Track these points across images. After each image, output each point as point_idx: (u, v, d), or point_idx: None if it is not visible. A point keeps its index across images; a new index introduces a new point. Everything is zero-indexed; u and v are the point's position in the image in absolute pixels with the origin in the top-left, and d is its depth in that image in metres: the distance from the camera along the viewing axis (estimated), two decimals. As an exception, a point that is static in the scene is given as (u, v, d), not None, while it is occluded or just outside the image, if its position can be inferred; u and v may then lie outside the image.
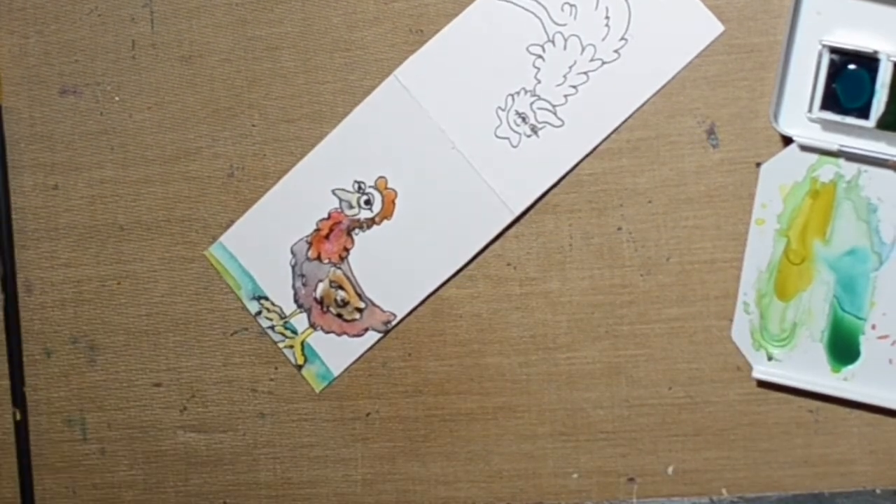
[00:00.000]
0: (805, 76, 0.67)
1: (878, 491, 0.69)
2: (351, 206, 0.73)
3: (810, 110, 0.67)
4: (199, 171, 0.74)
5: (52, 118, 0.75)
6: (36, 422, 0.77)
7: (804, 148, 0.68)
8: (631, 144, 0.71)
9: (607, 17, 0.70)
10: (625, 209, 0.71)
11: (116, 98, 0.75)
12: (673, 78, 0.70)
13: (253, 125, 0.74)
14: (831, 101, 0.67)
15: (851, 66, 0.67)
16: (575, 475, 0.72)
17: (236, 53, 0.74)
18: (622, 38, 0.70)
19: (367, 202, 0.72)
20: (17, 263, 0.76)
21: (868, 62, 0.66)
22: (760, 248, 0.69)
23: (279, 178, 0.74)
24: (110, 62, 0.75)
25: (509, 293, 0.71)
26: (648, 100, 0.70)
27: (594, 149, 0.71)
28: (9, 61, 0.76)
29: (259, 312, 0.74)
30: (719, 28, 0.69)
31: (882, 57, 0.66)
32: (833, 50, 0.67)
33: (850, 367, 0.68)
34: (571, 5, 0.71)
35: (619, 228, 0.71)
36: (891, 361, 0.68)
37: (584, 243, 0.71)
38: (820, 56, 0.67)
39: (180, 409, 0.75)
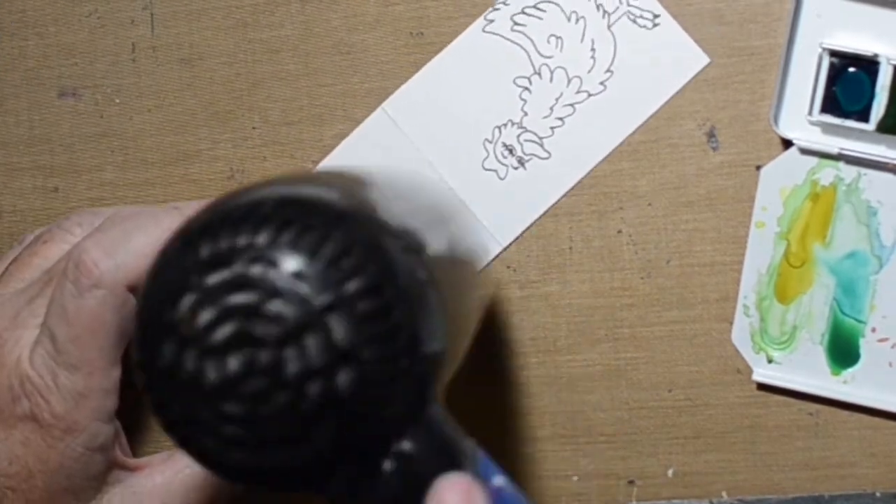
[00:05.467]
0: (805, 79, 0.67)
1: (878, 494, 0.69)
2: (340, 239, 0.72)
3: (810, 113, 0.67)
4: (200, 174, 0.74)
5: (52, 121, 0.75)
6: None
7: (804, 151, 0.68)
8: (631, 147, 0.71)
9: (593, 49, 0.70)
10: (625, 212, 0.71)
11: (116, 101, 0.75)
12: (659, 110, 0.70)
13: (253, 128, 0.74)
14: (831, 104, 0.67)
15: (851, 69, 0.67)
16: (575, 478, 0.72)
17: (237, 56, 0.74)
18: (608, 70, 0.70)
19: None
20: (17, 266, 0.76)
21: (868, 65, 0.66)
22: (761, 251, 0.69)
23: (279, 180, 0.74)
24: (110, 65, 0.75)
25: (509, 296, 0.71)
26: (635, 131, 0.70)
27: (579, 182, 0.71)
28: (7, 63, 0.76)
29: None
30: (705, 60, 0.69)
31: (882, 60, 0.66)
32: (833, 53, 0.67)
33: (850, 370, 0.69)
34: (557, 37, 0.70)
35: (620, 231, 0.71)
36: (891, 364, 0.68)
37: (584, 246, 0.71)
38: (820, 59, 0.67)
39: (180, 412, 0.75)
